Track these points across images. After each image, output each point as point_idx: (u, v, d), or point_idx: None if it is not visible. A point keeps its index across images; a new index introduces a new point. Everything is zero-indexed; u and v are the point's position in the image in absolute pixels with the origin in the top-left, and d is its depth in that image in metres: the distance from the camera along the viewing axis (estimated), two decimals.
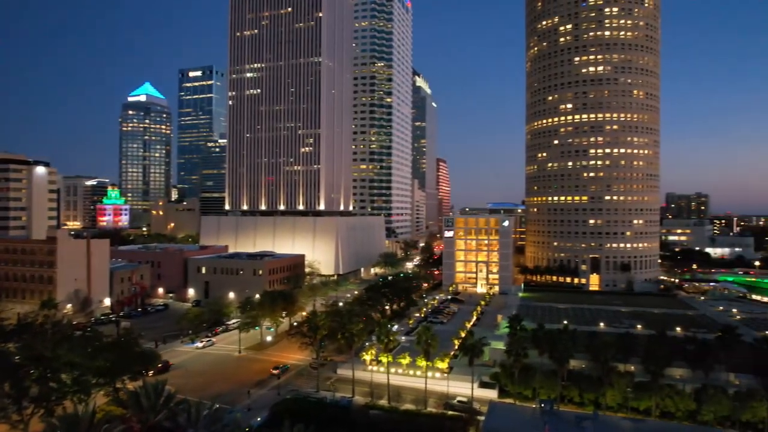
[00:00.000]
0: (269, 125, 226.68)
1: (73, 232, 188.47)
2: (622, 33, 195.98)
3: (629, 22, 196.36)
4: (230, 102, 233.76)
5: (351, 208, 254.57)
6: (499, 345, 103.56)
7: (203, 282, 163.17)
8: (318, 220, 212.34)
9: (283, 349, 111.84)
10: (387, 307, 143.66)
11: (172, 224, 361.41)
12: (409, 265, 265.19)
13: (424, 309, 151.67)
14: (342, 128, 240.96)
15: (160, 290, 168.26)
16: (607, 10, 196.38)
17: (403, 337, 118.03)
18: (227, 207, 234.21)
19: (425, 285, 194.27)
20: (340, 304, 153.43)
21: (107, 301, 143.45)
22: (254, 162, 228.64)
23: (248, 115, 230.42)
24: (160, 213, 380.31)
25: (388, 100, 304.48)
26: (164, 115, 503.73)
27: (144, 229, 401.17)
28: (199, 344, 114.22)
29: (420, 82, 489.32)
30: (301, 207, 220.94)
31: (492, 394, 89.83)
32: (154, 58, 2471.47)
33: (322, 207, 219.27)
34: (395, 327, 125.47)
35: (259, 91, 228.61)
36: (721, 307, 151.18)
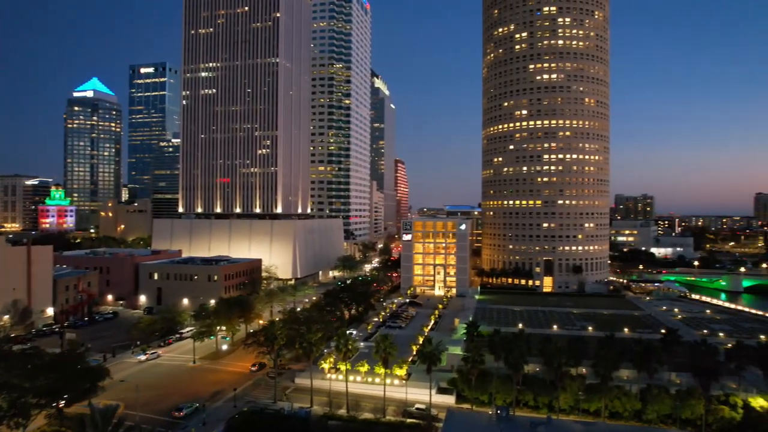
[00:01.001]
0: (225, 126, 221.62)
1: (11, 236, 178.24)
2: (575, 42, 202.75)
3: (581, 32, 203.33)
4: (184, 102, 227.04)
5: (309, 210, 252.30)
6: (456, 350, 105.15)
7: (156, 288, 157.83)
8: (275, 223, 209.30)
9: (239, 358, 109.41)
10: (345, 312, 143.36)
11: (122, 226, 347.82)
12: (368, 267, 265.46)
13: (383, 313, 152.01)
14: (300, 130, 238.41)
15: (110, 297, 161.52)
16: (560, 20, 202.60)
17: (362, 343, 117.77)
18: (181, 209, 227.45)
19: (384, 288, 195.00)
20: (298, 309, 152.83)
21: (50, 311, 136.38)
22: (209, 164, 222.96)
23: (203, 116, 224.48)
24: (110, 214, 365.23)
25: (347, 101, 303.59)
26: (113, 112, 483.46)
27: (92, 231, 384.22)
28: (142, 357, 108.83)
29: (379, 83, 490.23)
30: (257, 210, 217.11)
31: (450, 399, 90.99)
32: (103, 54, 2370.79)
33: (279, 210, 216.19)
34: (354, 333, 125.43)
35: (214, 91, 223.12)
36: (664, 307, 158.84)
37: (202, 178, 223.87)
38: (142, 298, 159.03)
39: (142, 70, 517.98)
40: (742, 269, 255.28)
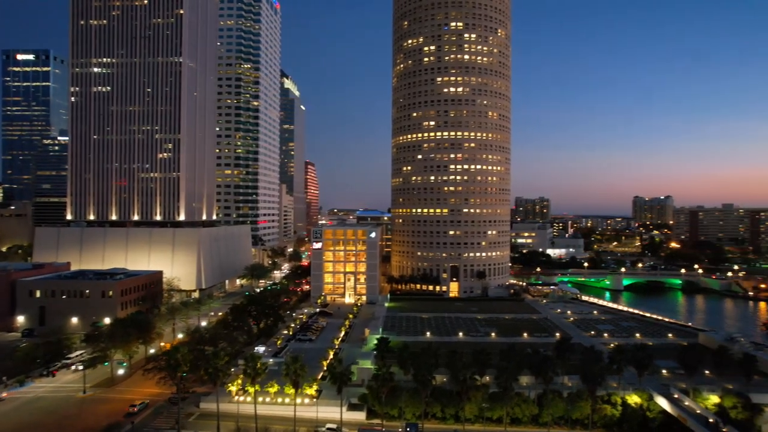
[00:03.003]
0: (121, 127, 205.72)
1: None
2: (479, 58, 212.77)
3: (485, 48, 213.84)
4: (73, 99, 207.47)
5: (215, 217, 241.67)
6: (367, 363, 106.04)
7: (37, 307, 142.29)
8: (178, 231, 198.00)
9: (137, 383, 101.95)
10: (254, 327, 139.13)
11: None
12: (277, 274, 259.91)
13: (293, 325, 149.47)
14: (205, 132, 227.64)
15: None
16: (466, 35, 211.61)
17: (271, 359, 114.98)
18: (70, 216, 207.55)
19: (293, 297, 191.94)
20: (204, 324, 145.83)
21: None
22: (103, 167, 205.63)
23: (96, 115, 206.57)
24: None
25: (255, 103, 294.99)
26: None
27: None
28: (4, 394, 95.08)
29: (288, 84, 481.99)
30: (158, 217, 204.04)
31: (360, 416, 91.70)
32: None
33: (182, 217, 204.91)
34: (262, 349, 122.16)
35: (109, 88, 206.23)
36: (558, 310, 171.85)
37: (95, 182, 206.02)
38: (20, 319, 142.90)
39: (20, 57, 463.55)
40: (623, 269, 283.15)
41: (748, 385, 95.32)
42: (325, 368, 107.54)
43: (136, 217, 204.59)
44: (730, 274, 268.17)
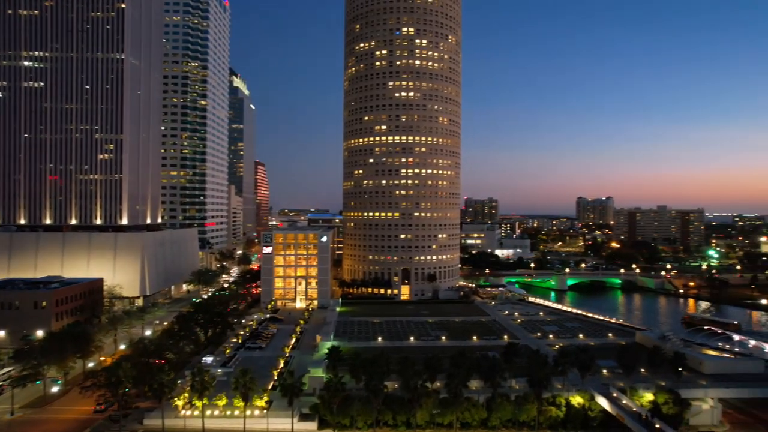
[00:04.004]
0: (56, 126, 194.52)
1: None
2: (430, 63, 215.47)
3: (436, 54, 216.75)
4: (0, 93, 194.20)
5: (160, 220, 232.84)
6: (318, 372, 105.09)
7: None
8: (120, 236, 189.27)
9: (74, 401, 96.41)
10: (201, 335, 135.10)
11: None
12: (226, 278, 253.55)
13: (242, 333, 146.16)
14: (149, 132, 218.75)
15: None
16: (417, 41, 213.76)
17: (220, 370, 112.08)
18: None
19: (243, 303, 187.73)
20: (148, 333, 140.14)
21: None
22: (36, 168, 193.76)
23: (27, 112, 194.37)
24: None
25: (203, 102, 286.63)
26: None
27: None
28: None
29: (238, 82, 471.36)
30: (98, 221, 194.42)
31: (312, 426, 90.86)
32: None
33: (125, 221, 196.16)
34: (210, 359, 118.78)
35: (42, 84, 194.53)
36: (506, 312, 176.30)
37: (27, 184, 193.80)
38: None
39: None
40: (567, 270, 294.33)
41: (678, 381, 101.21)
42: (275, 378, 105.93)
43: (73, 221, 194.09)
44: (663, 273, 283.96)
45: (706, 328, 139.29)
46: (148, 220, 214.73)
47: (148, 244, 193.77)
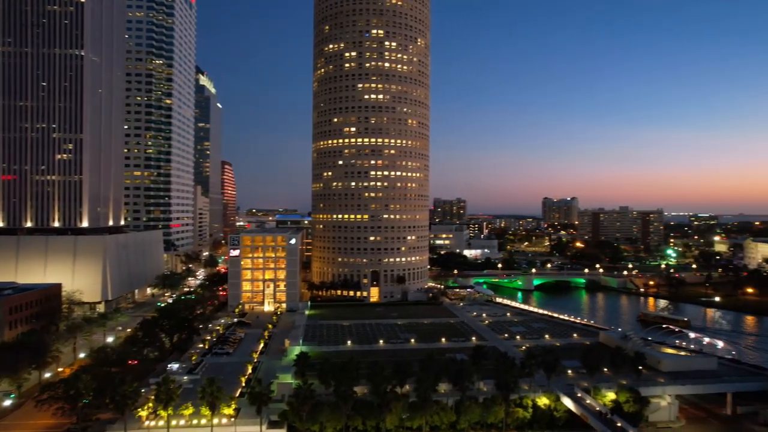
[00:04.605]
0: (10, 124, 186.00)
1: None
2: (400, 66, 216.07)
3: (405, 56, 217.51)
4: None
5: (123, 222, 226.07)
6: (287, 378, 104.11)
7: None
8: (80, 239, 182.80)
9: (29, 416, 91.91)
10: (166, 341, 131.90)
11: None
12: (192, 282, 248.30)
13: (209, 338, 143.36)
14: (111, 132, 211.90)
15: None
16: (387, 43, 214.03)
17: (186, 377, 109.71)
18: None
19: (209, 307, 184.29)
20: (110, 340, 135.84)
21: None
22: None
23: None
24: None
25: (168, 101, 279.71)
26: None
27: None
28: None
29: (204, 80, 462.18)
30: (57, 224, 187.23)
31: None
32: None
33: (85, 224, 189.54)
34: (176, 366, 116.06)
35: None
36: (474, 313, 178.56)
37: None
38: None
39: None
40: (533, 270, 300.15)
41: (639, 380, 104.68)
42: (243, 384, 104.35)
43: (29, 224, 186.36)
44: (625, 272, 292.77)
45: (665, 326, 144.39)
46: (111, 222, 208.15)
47: (110, 247, 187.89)
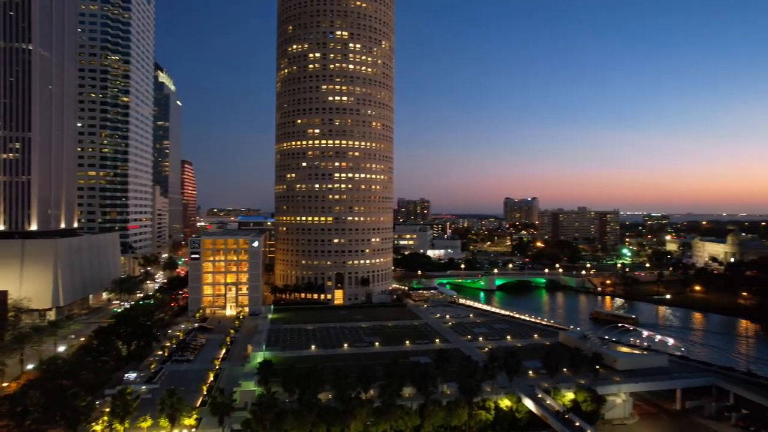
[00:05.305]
0: None
1: None
2: (364, 68, 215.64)
3: (369, 59, 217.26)
4: None
5: (76, 224, 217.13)
6: (250, 385, 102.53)
7: None
8: (28, 243, 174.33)
9: None
10: (123, 349, 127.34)
11: None
12: (151, 284, 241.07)
13: (168, 344, 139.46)
14: (63, 131, 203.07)
15: None
16: (351, 45, 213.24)
17: (144, 386, 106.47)
18: None
19: (169, 311, 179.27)
20: (62, 349, 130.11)
21: None
22: None
23: None
24: None
25: (125, 98, 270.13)
26: None
27: None
28: None
29: (163, 77, 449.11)
30: (2, 227, 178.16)
31: None
32: None
33: (34, 227, 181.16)
34: (134, 375, 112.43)
35: None
36: (438, 314, 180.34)
37: None
38: None
39: None
40: (496, 270, 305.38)
41: (596, 379, 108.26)
42: (204, 393, 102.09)
43: None
44: (583, 272, 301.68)
45: (620, 325, 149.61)
46: (63, 225, 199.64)
47: (62, 250, 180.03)
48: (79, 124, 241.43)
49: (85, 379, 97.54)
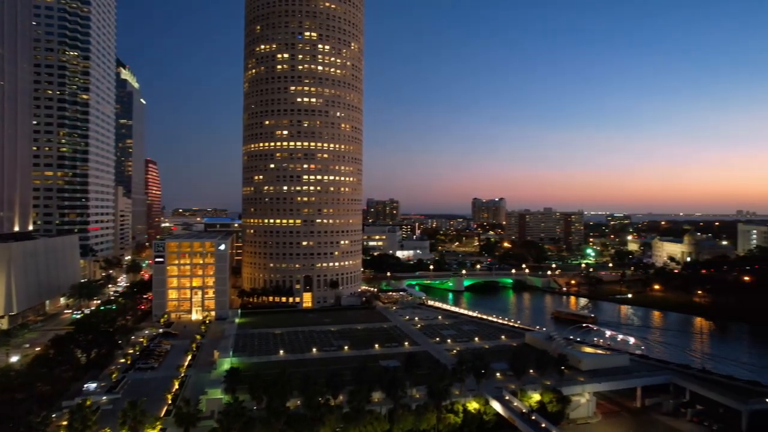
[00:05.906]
0: None
1: None
2: (333, 70, 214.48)
3: (338, 60, 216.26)
4: None
5: (31, 227, 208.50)
6: (216, 393, 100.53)
7: None
8: None
9: None
10: (83, 357, 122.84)
11: None
12: (113, 289, 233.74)
13: (131, 351, 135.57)
14: (16, 129, 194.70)
15: None
16: (320, 46, 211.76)
17: (105, 397, 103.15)
18: None
19: (132, 317, 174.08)
20: (15, 359, 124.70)
21: None
22: None
23: None
24: None
25: (84, 96, 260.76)
26: None
27: None
28: None
29: (126, 74, 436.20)
30: None
31: None
32: None
33: None
34: (94, 385, 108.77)
35: None
36: (407, 317, 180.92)
37: None
38: None
39: None
40: (464, 271, 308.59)
41: (561, 380, 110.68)
42: (169, 402, 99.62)
43: None
44: (549, 272, 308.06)
45: (584, 325, 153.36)
46: (17, 228, 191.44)
47: (16, 255, 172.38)
48: (35, 122, 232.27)
49: (40, 391, 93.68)
